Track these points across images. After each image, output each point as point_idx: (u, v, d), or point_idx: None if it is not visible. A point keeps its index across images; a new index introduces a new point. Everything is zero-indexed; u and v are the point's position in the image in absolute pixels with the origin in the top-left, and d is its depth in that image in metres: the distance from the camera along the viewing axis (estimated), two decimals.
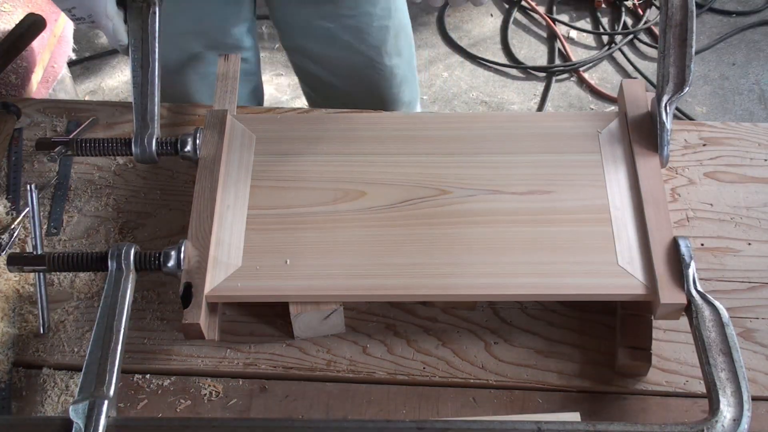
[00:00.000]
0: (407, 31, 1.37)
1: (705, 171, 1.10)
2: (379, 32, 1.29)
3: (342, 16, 1.25)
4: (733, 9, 2.61)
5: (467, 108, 2.42)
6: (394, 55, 1.34)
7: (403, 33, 1.35)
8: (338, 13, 1.24)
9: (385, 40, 1.31)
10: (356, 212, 0.99)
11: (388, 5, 1.27)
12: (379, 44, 1.30)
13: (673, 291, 0.89)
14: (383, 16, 1.28)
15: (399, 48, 1.35)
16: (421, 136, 1.05)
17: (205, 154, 1.02)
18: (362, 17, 1.26)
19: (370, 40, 1.29)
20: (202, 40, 1.22)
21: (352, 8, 1.24)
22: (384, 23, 1.28)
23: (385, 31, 1.30)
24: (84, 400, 0.80)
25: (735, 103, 2.39)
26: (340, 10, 1.24)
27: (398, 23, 1.32)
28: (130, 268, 0.91)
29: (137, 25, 1.04)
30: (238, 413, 0.94)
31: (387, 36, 1.30)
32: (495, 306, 1.00)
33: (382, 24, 1.28)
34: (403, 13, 1.34)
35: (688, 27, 1.01)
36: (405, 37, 1.36)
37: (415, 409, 0.93)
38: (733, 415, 0.80)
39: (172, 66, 1.25)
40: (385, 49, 1.32)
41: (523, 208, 0.98)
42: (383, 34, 1.30)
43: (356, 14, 1.25)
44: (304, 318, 0.94)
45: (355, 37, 1.28)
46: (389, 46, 1.32)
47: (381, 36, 1.30)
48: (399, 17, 1.32)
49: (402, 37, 1.34)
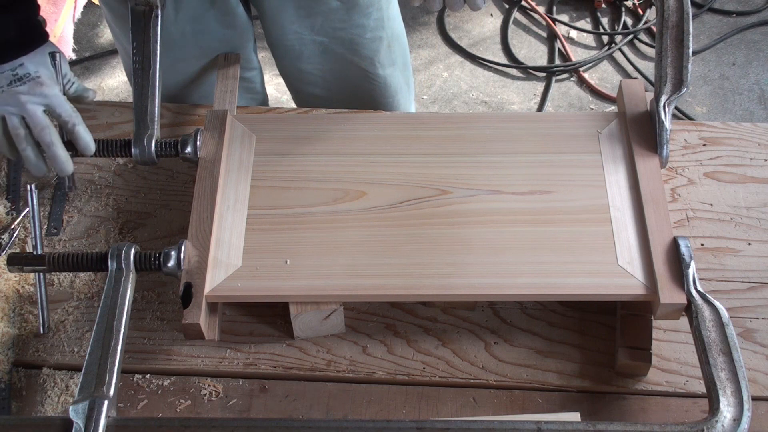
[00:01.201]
0: (401, 40, 1.36)
1: (705, 171, 1.10)
2: (372, 43, 1.28)
3: (334, 29, 1.24)
4: (733, 9, 2.62)
5: (467, 108, 2.42)
6: (387, 66, 1.33)
7: (397, 42, 1.34)
8: (331, 26, 1.23)
9: (378, 51, 1.30)
10: (356, 212, 0.99)
11: (381, 15, 1.26)
12: (373, 55, 1.29)
13: (673, 291, 0.89)
14: (376, 27, 1.27)
15: (393, 58, 1.34)
16: (421, 136, 1.05)
17: (205, 155, 1.02)
18: (355, 29, 1.25)
19: (364, 52, 1.28)
20: (199, 61, 1.22)
21: (345, 20, 1.23)
22: (377, 34, 1.28)
23: (379, 41, 1.29)
24: (84, 400, 0.80)
25: (735, 103, 2.39)
26: (332, 23, 1.23)
27: (392, 33, 1.31)
28: (130, 268, 0.91)
29: (139, 29, 1.04)
30: (238, 413, 0.94)
31: (380, 46, 1.29)
32: (495, 306, 1.00)
33: (375, 35, 1.27)
34: (397, 23, 1.33)
35: (685, 29, 1.01)
36: (399, 47, 1.35)
37: (415, 409, 0.94)
38: (733, 415, 0.80)
39: (173, 90, 1.25)
40: (378, 59, 1.31)
41: (523, 208, 0.98)
42: (376, 45, 1.29)
43: (348, 26, 1.24)
44: (304, 318, 0.94)
45: (349, 50, 1.27)
46: (383, 57, 1.31)
47: (374, 47, 1.29)
48: (392, 27, 1.31)
49: (395, 46, 1.33)
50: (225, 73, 1.14)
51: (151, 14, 1.04)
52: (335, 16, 1.22)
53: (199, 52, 1.22)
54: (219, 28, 1.20)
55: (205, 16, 1.18)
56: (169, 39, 1.06)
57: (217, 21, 1.19)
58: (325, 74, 1.32)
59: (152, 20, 1.04)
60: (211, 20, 1.18)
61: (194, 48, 1.21)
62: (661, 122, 0.99)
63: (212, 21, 1.19)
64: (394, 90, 1.38)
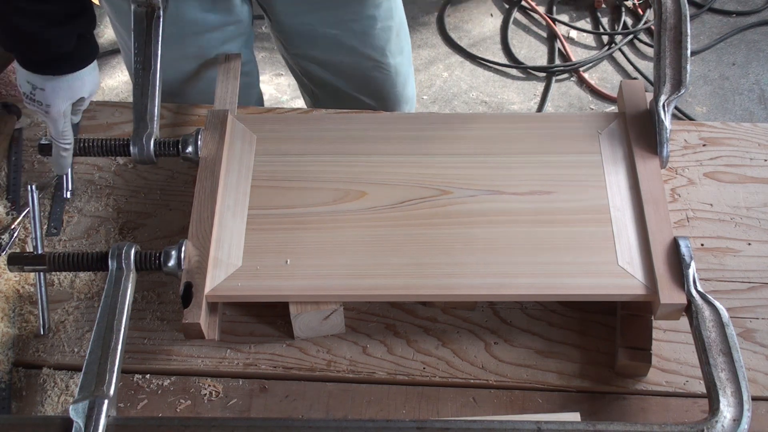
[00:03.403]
0: (405, 27, 1.38)
1: (705, 171, 1.10)
2: (383, 33, 1.29)
3: (347, 21, 1.25)
4: (733, 9, 2.61)
5: (467, 108, 2.42)
6: (397, 54, 1.35)
7: (403, 31, 1.36)
8: (343, 19, 1.24)
9: (389, 40, 1.31)
10: (357, 212, 0.99)
11: (390, 5, 1.28)
12: (383, 45, 1.31)
13: (673, 291, 0.89)
14: (386, 17, 1.28)
15: (401, 46, 1.36)
16: (421, 136, 1.05)
17: (205, 154, 1.02)
18: (366, 20, 1.26)
19: (375, 42, 1.30)
20: (200, 59, 1.22)
21: (357, 12, 1.24)
22: (387, 24, 1.29)
23: (388, 31, 1.30)
24: (84, 399, 0.80)
25: (735, 103, 2.39)
26: (344, 15, 1.24)
27: (399, 22, 1.33)
28: (130, 267, 0.91)
29: (141, 30, 1.05)
30: (238, 413, 0.94)
31: (390, 36, 1.31)
32: (495, 306, 1.00)
33: (385, 25, 1.29)
34: (401, 11, 1.35)
35: (683, 30, 1.02)
36: (404, 35, 1.37)
37: (415, 409, 0.94)
38: (733, 415, 0.80)
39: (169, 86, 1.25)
40: (389, 48, 1.32)
41: (523, 208, 0.98)
42: (387, 35, 1.30)
43: (360, 18, 1.25)
44: (304, 318, 0.94)
45: (360, 41, 1.28)
46: (392, 46, 1.33)
47: (385, 36, 1.30)
48: (399, 15, 1.33)
49: (402, 35, 1.36)
50: (226, 72, 1.14)
51: (152, 15, 1.04)
52: (347, 8, 1.23)
53: (199, 50, 1.22)
54: (219, 27, 1.20)
55: (205, 15, 1.18)
56: (169, 37, 1.06)
57: (218, 21, 1.19)
58: (336, 64, 1.33)
59: (154, 21, 1.04)
60: (210, 15, 1.18)
61: (194, 47, 1.21)
62: (661, 122, 0.99)
63: (213, 21, 1.19)
64: (403, 78, 1.40)
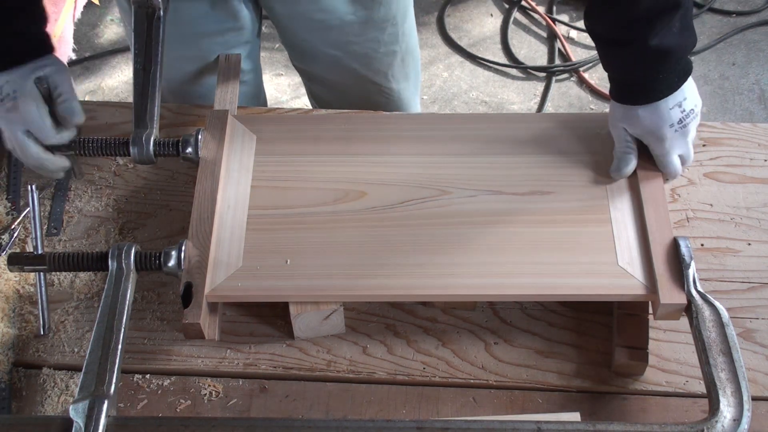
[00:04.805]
0: (414, 54, 1.35)
1: (705, 171, 1.10)
2: (386, 57, 1.27)
3: (349, 42, 1.23)
4: (733, 9, 2.61)
5: (467, 108, 2.42)
6: (401, 80, 1.32)
7: (410, 57, 1.33)
8: (345, 40, 1.22)
9: (392, 65, 1.29)
10: (357, 212, 0.99)
11: (396, 30, 1.25)
12: (386, 69, 1.29)
13: (673, 291, 0.89)
14: (390, 42, 1.26)
15: (406, 72, 1.33)
16: (421, 136, 1.05)
17: (205, 155, 1.02)
18: (369, 43, 1.24)
19: (377, 66, 1.27)
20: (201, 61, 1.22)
21: (360, 34, 1.22)
22: (391, 48, 1.27)
23: (393, 56, 1.28)
24: (84, 399, 0.80)
25: (735, 103, 2.39)
26: (347, 37, 1.22)
27: (406, 47, 1.30)
28: (130, 267, 0.91)
29: (142, 30, 1.05)
30: (238, 413, 0.94)
31: (394, 61, 1.28)
32: (495, 306, 1.00)
33: (389, 49, 1.27)
34: (411, 37, 1.31)
35: None
36: (412, 61, 1.34)
37: (415, 409, 0.94)
38: (733, 415, 0.80)
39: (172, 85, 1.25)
40: (392, 73, 1.30)
41: (523, 208, 0.98)
42: (390, 59, 1.28)
43: (363, 40, 1.23)
44: (304, 318, 0.94)
45: (362, 64, 1.26)
46: (396, 71, 1.30)
47: (388, 61, 1.28)
48: (407, 41, 1.29)
49: (409, 61, 1.32)
50: (226, 73, 1.14)
51: (153, 16, 1.04)
52: (349, 30, 1.22)
53: (198, 51, 1.22)
54: (219, 29, 1.20)
55: (205, 17, 1.18)
56: (170, 38, 1.06)
57: (218, 23, 1.19)
58: (337, 83, 1.32)
59: (155, 22, 1.04)
60: (212, 22, 1.18)
61: (194, 48, 1.21)
62: None
63: (212, 23, 1.19)
64: (406, 103, 1.38)
